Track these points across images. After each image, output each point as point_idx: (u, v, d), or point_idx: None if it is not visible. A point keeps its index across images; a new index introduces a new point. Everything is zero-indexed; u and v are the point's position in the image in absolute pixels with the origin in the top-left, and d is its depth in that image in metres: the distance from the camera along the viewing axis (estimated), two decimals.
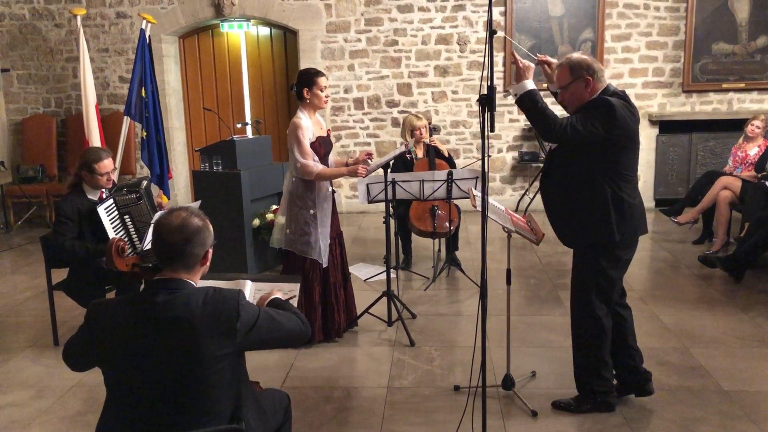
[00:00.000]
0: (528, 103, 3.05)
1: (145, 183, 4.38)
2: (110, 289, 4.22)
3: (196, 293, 2.02)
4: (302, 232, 4.12)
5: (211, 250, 2.14)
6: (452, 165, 5.74)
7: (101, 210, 3.97)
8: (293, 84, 4.17)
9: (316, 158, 4.07)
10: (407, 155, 5.63)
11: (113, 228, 4.02)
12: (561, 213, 3.23)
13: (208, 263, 2.16)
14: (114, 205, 4.08)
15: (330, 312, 4.26)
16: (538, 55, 3.44)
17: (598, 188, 3.06)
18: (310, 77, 4.08)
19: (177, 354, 1.96)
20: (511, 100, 8.07)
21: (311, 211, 4.12)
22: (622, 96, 3.09)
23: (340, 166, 4.34)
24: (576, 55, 3.15)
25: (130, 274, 3.82)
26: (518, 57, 3.16)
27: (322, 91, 4.08)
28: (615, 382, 3.40)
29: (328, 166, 4.20)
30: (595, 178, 3.06)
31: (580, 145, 3.02)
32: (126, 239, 4.05)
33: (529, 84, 3.07)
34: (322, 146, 4.14)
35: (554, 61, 3.42)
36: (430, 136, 5.79)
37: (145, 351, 1.96)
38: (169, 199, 7.22)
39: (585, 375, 3.32)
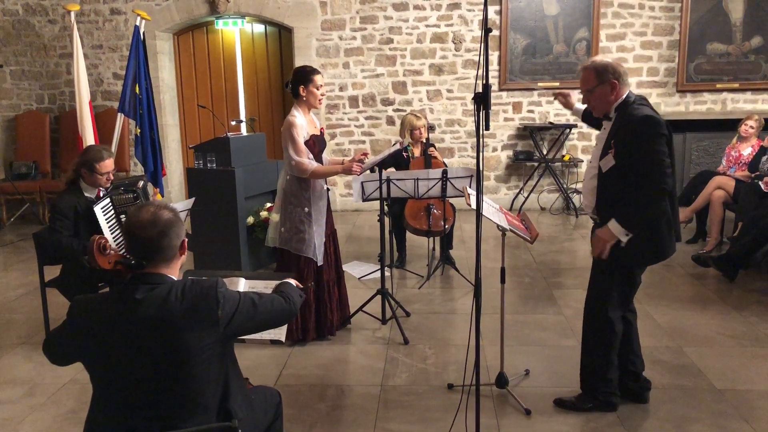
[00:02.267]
0: (633, 228, 3.00)
1: (141, 182, 4.37)
2: (103, 287, 4.20)
3: (175, 286, 2.01)
4: (297, 230, 4.11)
5: (186, 240, 2.13)
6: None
7: (98, 209, 3.96)
8: (288, 81, 4.15)
9: (311, 156, 4.07)
10: (404, 153, 5.64)
11: (109, 227, 4.01)
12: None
13: (185, 254, 2.15)
14: (111, 204, 4.07)
15: (323, 310, 4.25)
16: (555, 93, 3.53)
17: (658, 204, 3.00)
18: (306, 75, 4.07)
19: (160, 349, 1.95)
20: (506, 98, 8.10)
21: (306, 209, 4.11)
22: (646, 102, 3.08)
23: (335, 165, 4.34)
24: (599, 59, 3.13)
25: (113, 271, 3.82)
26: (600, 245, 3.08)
27: (318, 89, 4.07)
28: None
29: (322, 164, 4.19)
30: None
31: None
32: (120, 237, 4.03)
33: (618, 232, 3.01)
34: (316, 144, 4.13)
35: (570, 92, 3.49)
36: (428, 135, 5.79)
37: (127, 347, 1.96)
38: (163, 196, 7.21)
39: (590, 376, 3.31)
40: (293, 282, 2.49)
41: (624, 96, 3.07)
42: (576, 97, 3.50)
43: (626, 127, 3.00)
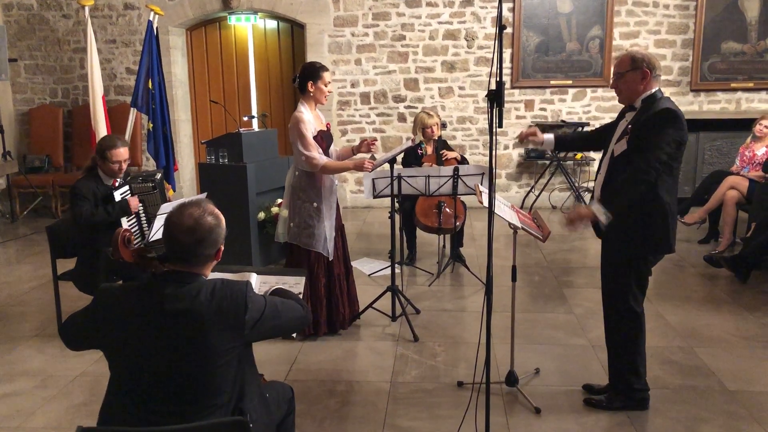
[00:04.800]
0: (617, 208, 3.02)
1: (158, 175, 4.42)
2: (117, 280, 4.22)
3: (205, 285, 2.02)
4: (306, 225, 4.12)
5: (223, 246, 2.13)
6: (462, 161, 5.74)
7: (117, 195, 4.00)
8: (296, 76, 4.16)
9: (320, 150, 4.07)
10: (418, 150, 5.63)
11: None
12: (621, 224, 3.13)
13: (219, 258, 2.15)
14: (129, 191, 4.11)
15: (335, 304, 4.26)
16: (522, 134, 3.54)
17: (658, 199, 3.05)
18: (315, 71, 4.07)
19: (183, 346, 1.95)
20: (518, 96, 8.07)
21: (314, 204, 4.11)
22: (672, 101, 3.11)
23: (346, 156, 4.34)
24: (639, 50, 3.23)
25: (134, 264, 3.84)
26: (571, 223, 3.10)
27: (326, 86, 4.08)
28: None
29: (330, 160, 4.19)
30: (657, 188, 3.04)
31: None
32: (137, 227, 4.07)
33: (596, 209, 3.02)
34: (324, 140, 4.13)
35: (532, 129, 3.53)
36: (440, 132, 5.78)
37: (151, 341, 1.96)
38: (174, 191, 7.24)
39: (623, 372, 3.30)
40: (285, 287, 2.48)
41: (653, 90, 3.11)
42: (540, 135, 3.54)
43: (647, 115, 3.04)
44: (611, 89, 3.30)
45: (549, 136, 3.55)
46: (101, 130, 6.99)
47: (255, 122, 7.85)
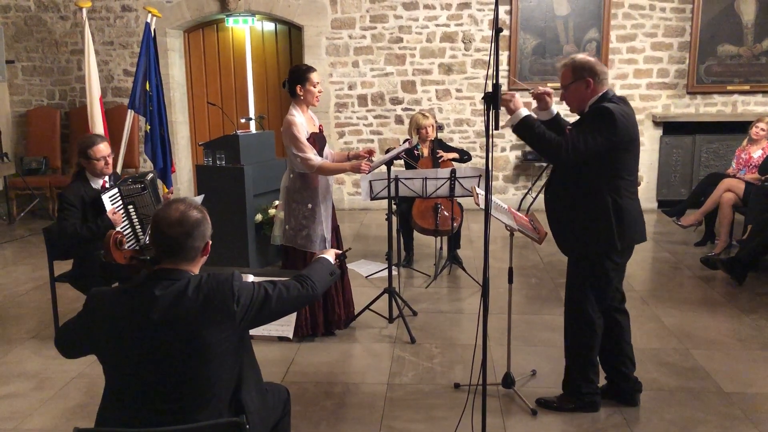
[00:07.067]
0: (524, 130, 3.04)
1: (150, 175, 4.41)
2: (113, 281, 4.21)
3: (192, 280, 2.03)
4: (301, 227, 4.12)
5: (210, 242, 2.14)
6: (464, 155, 5.76)
7: (106, 198, 3.99)
8: (285, 81, 4.17)
9: (315, 152, 4.07)
10: (414, 151, 5.64)
11: None
12: (562, 221, 3.22)
13: (208, 254, 2.16)
14: (119, 194, 4.10)
15: (330, 305, 4.26)
16: (539, 88, 3.33)
17: (599, 197, 3.05)
18: (302, 73, 4.08)
19: (176, 346, 1.96)
20: None
21: (309, 206, 4.12)
22: (621, 101, 3.09)
23: (340, 161, 4.34)
24: (580, 56, 3.16)
25: (127, 267, 3.84)
26: (506, 96, 3.02)
27: (314, 87, 4.08)
28: (605, 382, 3.43)
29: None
30: (597, 187, 3.05)
31: (583, 161, 3.01)
32: (129, 230, 4.06)
33: (523, 111, 3.05)
34: (317, 142, 4.14)
35: (552, 90, 3.34)
36: (436, 134, 5.79)
37: (142, 343, 1.96)
38: (172, 193, 7.22)
39: (573, 376, 3.33)
40: (330, 257, 2.49)
41: (600, 94, 3.09)
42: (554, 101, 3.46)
43: (587, 113, 3.08)
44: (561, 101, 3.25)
45: (553, 109, 3.37)
46: (98, 131, 6.96)
47: (252, 124, 7.84)
